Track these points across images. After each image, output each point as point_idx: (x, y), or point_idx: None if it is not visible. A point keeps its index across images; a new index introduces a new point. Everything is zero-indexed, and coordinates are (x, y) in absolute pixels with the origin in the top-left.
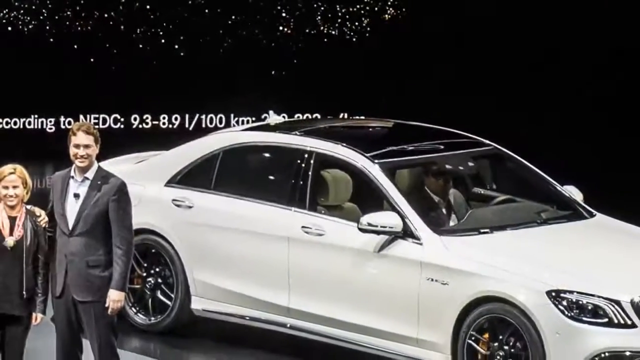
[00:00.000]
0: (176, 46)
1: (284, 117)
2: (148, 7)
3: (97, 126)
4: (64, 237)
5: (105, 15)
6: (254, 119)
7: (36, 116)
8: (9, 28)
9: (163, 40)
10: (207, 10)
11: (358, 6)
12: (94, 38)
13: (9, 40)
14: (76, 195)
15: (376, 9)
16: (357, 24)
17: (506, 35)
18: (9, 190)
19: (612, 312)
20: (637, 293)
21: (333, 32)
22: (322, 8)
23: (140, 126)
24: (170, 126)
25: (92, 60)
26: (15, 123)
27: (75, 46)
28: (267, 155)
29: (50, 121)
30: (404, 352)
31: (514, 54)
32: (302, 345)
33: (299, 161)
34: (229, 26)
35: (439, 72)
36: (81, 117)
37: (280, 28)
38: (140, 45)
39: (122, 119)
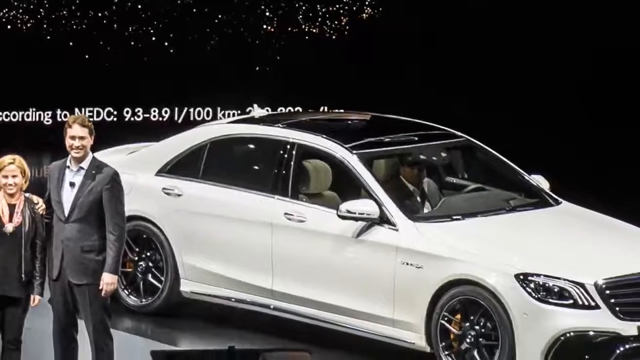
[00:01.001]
0: (166, 43)
1: (267, 110)
2: (139, 6)
3: (91, 119)
4: (60, 223)
5: (99, 15)
6: (239, 112)
7: (34, 109)
8: (9, 27)
9: (154, 38)
10: (195, 10)
11: (337, 6)
12: (89, 36)
13: (9, 39)
14: (72, 184)
15: (354, 8)
16: (336, 22)
17: (482, 35)
18: (8, 179)
19: (577, 294)
20: (600, 276)
21: (314, 31)
22: (304, 8)
23: (132, 119)
24: (161, 119)
25: (86, 56)
26: (14, 116)
27: (71, 43)
28: (251, 146)
29: (48, 114)
30: (381, 332)
31: (489, 52)
32: (285, 326)
33: (281, 152)
34: (215, 25)
35: (413, 69)
36: (76, 110)
37: (264, 27)
38: (132, 43)
39: (115, 112)
